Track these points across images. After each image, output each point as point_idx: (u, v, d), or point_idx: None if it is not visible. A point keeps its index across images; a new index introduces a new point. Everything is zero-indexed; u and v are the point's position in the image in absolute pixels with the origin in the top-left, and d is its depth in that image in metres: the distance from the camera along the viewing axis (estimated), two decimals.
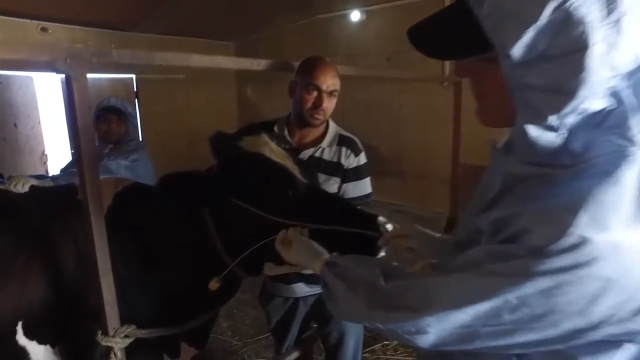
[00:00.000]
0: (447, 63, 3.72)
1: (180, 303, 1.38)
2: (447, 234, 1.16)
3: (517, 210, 0.64)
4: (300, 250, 1.08)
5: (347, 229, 1.21)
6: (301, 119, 1.75)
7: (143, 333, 1.26)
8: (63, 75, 1.01)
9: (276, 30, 4.86)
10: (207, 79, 4.90)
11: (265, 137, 1.41)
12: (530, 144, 0.65)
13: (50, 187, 1.65)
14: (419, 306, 0.69)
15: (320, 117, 1.72)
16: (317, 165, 1.77)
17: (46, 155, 3.69)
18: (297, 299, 1.91)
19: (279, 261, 1.18)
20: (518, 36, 0.59)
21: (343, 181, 1.80)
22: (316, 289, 1.87)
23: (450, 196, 3.80)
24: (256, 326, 3.41)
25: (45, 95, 3.64)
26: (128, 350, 1.22)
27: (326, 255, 1.02)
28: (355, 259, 0.93)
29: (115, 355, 1.22)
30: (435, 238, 1.15)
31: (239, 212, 1.28)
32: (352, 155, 1.81)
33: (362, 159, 1.85)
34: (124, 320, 1.22)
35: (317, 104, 1.69)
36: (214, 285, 1.25)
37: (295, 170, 1.35)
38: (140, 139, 4.05)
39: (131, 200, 1.38)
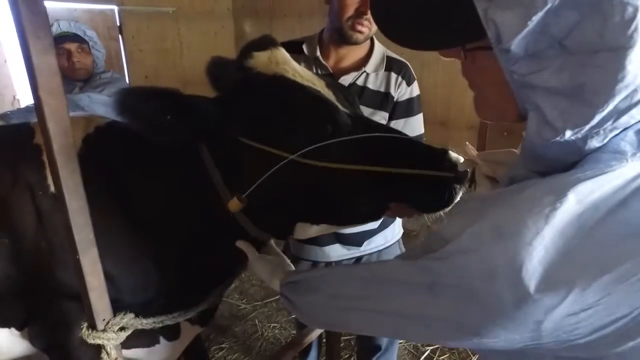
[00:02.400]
0: None
1: (178, 276, 1.09)
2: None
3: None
4: (256, 268, 1.04)
5: (412, 172, 0.90)
6: (339, 34, 1.36)
7: (144, 323, 0.98)
8: None
9: None
10: (201, 14, 4.38)
11: (284, 51, 1.03)
12: (537, 156, 0.55)
13: None
14: None
15: (365, 29, 1.34)
16: (359, 95, 1.40)
17: (18, 100, 3.23)
18: (328, 264, 1.59)
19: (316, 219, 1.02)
20: (521, 24, 0.46)
21: (391, 117, 1.45)
22: (354, 252, 1.58)
23: (477, 144, 3.53)
24: (266, 287, 3.18)
25: (10, 30, 3.09)
26: None
27: (282, 272, 0.98)
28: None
29: (109, 354, 0.91)
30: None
31: (255, 156, 0.93)
32: (404, 84, 1.45)
33: (415, 89, 1.49)
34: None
35: (362, 10, 1.29)
36: (235, 204, 0.93)
37: (330, 96, 0.98)
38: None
39: (107, 143, 1.03)
